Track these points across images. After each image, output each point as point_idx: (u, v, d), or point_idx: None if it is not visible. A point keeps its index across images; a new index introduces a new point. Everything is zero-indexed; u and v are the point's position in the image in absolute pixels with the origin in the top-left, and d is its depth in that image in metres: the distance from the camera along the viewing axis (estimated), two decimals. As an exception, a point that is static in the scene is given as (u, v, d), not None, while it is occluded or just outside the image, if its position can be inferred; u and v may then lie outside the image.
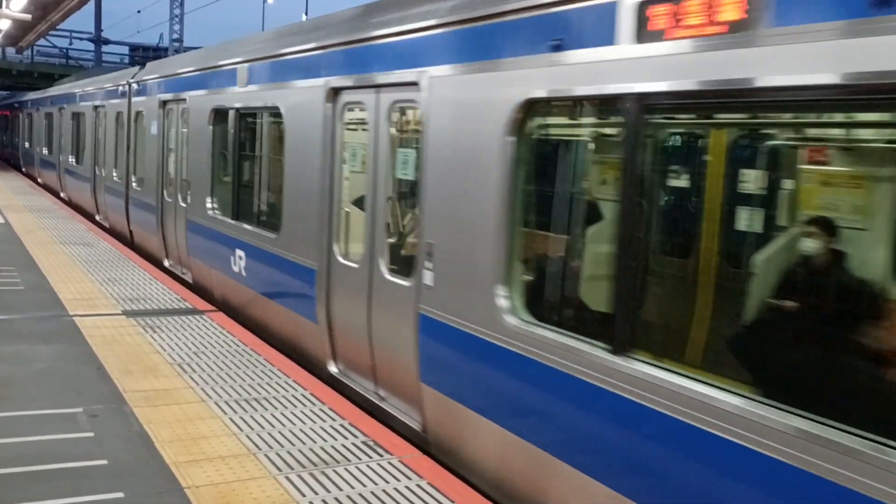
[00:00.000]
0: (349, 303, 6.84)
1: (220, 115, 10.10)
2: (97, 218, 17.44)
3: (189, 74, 11.33)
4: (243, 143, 9.92)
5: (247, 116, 9.74)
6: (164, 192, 12.25)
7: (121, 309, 8.93)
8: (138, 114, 14.08)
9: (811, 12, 3.21)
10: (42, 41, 40.87)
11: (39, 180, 26.70)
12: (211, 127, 10.26)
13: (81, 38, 50.95)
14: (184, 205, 11.17)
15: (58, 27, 34.36)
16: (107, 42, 46.45)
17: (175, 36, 43.56)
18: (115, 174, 15.53)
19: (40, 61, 46.09)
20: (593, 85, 4.26)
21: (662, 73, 3.83)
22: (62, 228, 15.44)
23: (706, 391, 3.59)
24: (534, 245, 5.28)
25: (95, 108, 17.68)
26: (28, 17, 25.03)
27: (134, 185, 14.21)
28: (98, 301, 9.25)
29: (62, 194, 22.25)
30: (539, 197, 5.23)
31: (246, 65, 9.19)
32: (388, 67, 6.23)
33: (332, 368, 7.14)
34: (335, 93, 7.02)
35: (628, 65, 4.00)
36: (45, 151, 25.73)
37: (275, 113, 8.64)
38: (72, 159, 20.72)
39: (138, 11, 50.71)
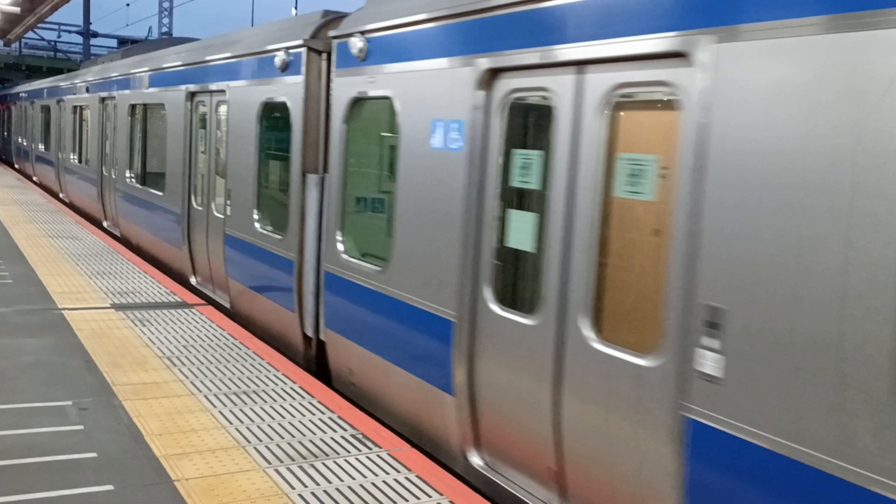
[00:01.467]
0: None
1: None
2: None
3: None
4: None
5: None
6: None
7: (110, 302, 8.92)
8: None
9: None
10: (30, 34, 40.61)
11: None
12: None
13: (70, 31, 50.66)
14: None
15: (46, 20, 34.17)
16: (95, 35, 46.15)
17: (164, 29, 43.38)
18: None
19: (28, 54, 45.79)
20: None
21: None
22: (50, 222, 15.38)
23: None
24: None
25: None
26: (17, 9, 24.90)
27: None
28: (87, 294, 9.23)
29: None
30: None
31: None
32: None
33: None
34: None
35: None
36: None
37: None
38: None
39: (127, 4, 50.37)
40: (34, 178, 26.23)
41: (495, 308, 4.99)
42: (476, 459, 5.26)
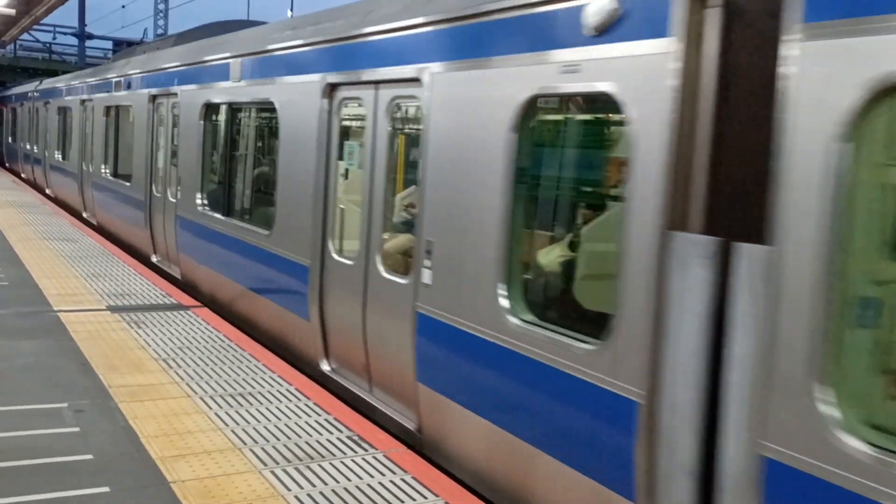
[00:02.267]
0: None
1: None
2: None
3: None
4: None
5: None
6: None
7: (105, 304, 8.92)
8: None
9: None
10: (25, 35, 40.57)
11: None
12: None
13: (65, 33, 50.59)
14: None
15: (41, 21, 34.12)
16: (91, 37, 46.08)
17: (160, 31, 43.34)
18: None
19: (23, 56, 45.73)
20: None
21: None
22: (46, 224, 15.37)
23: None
24: None
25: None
26: (12, 11, 24.87)
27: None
28: (82, 296, 9.23)
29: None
30: None
31: None
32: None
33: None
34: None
35: None
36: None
37: None
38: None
39: (123, 6, 50.34)
40: (47, 191, 22.64)
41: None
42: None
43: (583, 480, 4.31)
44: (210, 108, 10.39)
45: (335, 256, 7.03)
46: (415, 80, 5.86)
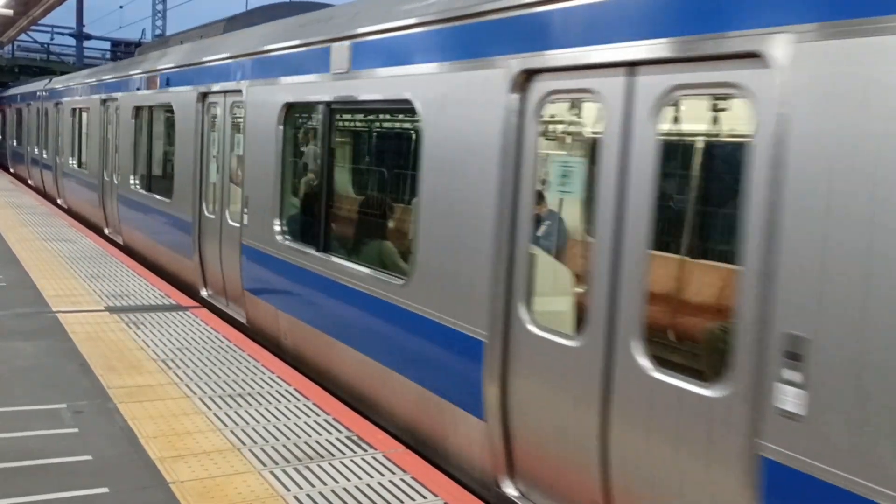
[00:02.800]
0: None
1: None
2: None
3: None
4: None
5: None
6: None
7: (104, 305, 8.91)
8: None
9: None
10: (23, 36, 40.54)
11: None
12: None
13: (63, 34, 50.57)
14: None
15: (39, 22, 34.11)
16: (88, 37, 46.07)
17: (158, 31, 43.33)
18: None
19: (21, 56, 45.70)
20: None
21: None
22: (44, 225, 15.35)
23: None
24: None
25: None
26: (9, 12, 24.86)
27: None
28: (81, 297, 9.22)
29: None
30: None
31: None
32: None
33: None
34: None
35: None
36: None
37: None
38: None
39: (121, 7, 50.32)
40: (59, 202, 20.63)
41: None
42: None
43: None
44: (294, 109, 8.07)
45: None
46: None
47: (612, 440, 4.18)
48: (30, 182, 26.19)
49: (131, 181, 13.53)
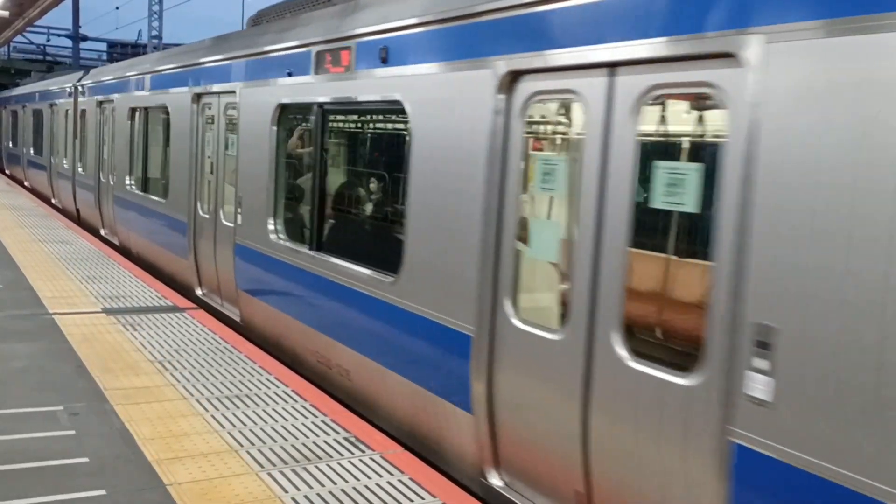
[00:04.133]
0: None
1: None
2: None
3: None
4: None
5: None
6: None
7: (100, 307, 8.89)
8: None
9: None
10: (19, 37, 40.47)
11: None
12: None
13: (59, 35, 50.51)
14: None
15: (35, 23, 34.04)
16: (85, 39, 46.04)
17: (154, 32, 43.28)
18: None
19: (17, 58, 45.63)
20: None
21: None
22: (41, 226, 15.32)
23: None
24: None
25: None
26: (5, 13, 24.81)
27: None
28: (77, 299, 9.20)
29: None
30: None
31: None
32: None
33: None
34: None
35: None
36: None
37: None
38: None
39: (117, 8, 50.27)
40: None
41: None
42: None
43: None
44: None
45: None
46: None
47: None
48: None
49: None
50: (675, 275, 4.39)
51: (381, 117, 7.47)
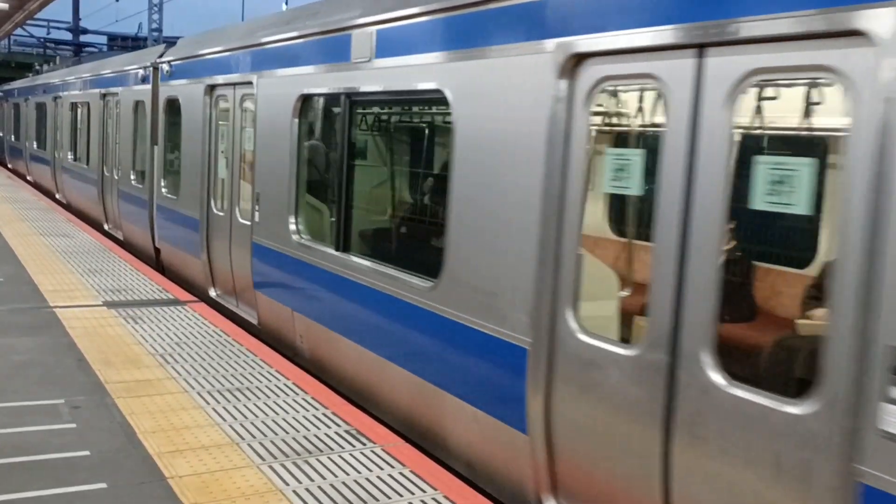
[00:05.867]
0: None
1: None
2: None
3: None
4: None
5: None
6: None
7: (101, 300, 8.89)
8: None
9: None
10: (19, 30, 40.42)
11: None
12: None
13: (59, 28, 50.41)
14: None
15: (35, 16, 33.97)
16: (85, 31, 46.01)
17: (154, 25, 43.20)
18: None
19: (17, 51, 45.58)
20: None
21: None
22: (42, 220, 15.32)
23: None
24: None
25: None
26: (5, 6, 24.75)
27: None
28: (78, 292, 9.20)
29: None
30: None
31: None
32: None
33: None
34: None
35: None
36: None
37: None
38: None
39: (117, 0, 50.19)
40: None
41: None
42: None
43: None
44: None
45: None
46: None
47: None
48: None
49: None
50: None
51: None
